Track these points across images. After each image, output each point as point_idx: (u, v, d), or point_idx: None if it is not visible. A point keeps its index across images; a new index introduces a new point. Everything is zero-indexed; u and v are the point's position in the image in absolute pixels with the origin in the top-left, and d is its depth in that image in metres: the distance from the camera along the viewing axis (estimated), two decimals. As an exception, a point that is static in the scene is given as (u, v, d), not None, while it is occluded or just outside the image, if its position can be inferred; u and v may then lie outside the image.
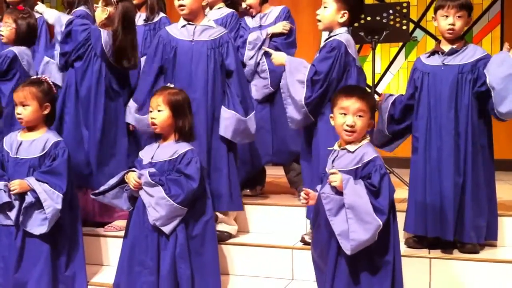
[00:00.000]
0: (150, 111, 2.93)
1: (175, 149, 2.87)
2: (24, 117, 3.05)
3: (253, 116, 3.38)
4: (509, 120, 3.12)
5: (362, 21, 4.41)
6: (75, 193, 3.15)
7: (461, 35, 3.17)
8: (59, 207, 2.92)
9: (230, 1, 4.19)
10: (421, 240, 3.18)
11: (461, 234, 3.06)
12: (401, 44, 6.07)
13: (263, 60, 3.93)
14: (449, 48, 3.14)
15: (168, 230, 2.78)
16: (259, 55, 3.93)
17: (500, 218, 3.19)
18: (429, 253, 3.12)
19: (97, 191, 2.94)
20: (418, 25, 6.08)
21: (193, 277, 2.82)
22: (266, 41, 3.93)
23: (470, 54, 3.11)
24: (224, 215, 3.40)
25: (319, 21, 3.14)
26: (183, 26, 3.36)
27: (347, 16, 3.09)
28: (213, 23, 3.41)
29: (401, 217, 3.05)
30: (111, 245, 3.47)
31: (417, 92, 3.20)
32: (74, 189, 3.12)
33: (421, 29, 6.07)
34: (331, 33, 3.13)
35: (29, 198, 2.92)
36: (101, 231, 3.56)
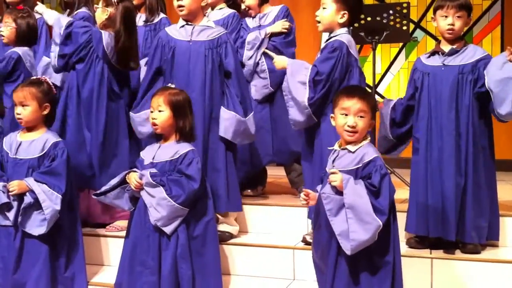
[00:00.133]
0: (151, 111, 2.94)
1: (176, 149, 2.87)
2: (23, 117, 3.04)
3: (252, 116, 3.37)
4: (510, 121, 3.12)
5: (362, 22, 4.41)
6: (75, 194, 3.14)
7: (461, 35, 3.18)
8: (58, 208, 2.91)
9: (231, 1, 4.19)
10: (423, 240, 3.18)
11: (462, 234, 3.06)
12: (401, 44, 6.06)
13: (262, 60, 3.92)
14: (449, 48, 3.14)
15: (169, 230, 2.78)
16: (258, 55, 3.91)
17: (501, 218, 3.19)
18: (431, 253, 3.11)
19: (98, 192, 2.95)
20: (418, 25, 6.08)
21: (194, 278, 2.82)
22: (265, 41, 3.91)
23: (470, 54, 3.11)
24: (223, 216, 3.39)
25: (319, 22, 3.14)
26: (182, 26, 3.36)
27: (347, 16, 3.09)
28: (212, 24, 3.41)
29: (402, 218, 3.06)
30: (112, 245, 3.46)
31: (417, 92, 3.19)
32: (74, 190, 3.11)
33: (422, 29, 6.07)
34: (331, 34, 3.12)
35: (28, 198, 2.91)
36: (102, 231, 3.56)
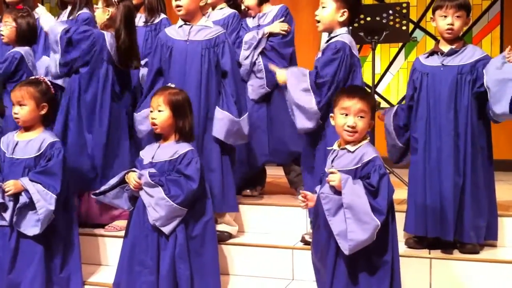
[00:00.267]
0: (150, 111, 2.94)
1: (176, 149, 2.87)
2: (20, 116, 3.03)
3: (246, 117, 3.34)
4: (506, 121, 3.12)
5: (362, 22, 4.41)
6: (71, 194, 3.11)
7: (459, 35, 3.17)
8: (52, 208, 2.88)
9: (232, 1, 4.18)
10: (421, 240, 3.18)
11: (461, 234, 3.07)
12: (401, 44, 6.06)
13: (259, 60, 3.90)
14: (448, 48, 3.14)
15: (167, 230, 2.78)
16: (255, 54, 3.89)
17: (500, 218, 3.19)
18: (429, 253, 3.12)
19: (97, 191, 2.94)
20: (417, 25, 6.08)
21: (193, 278, 2.82)
22: (262, 41, 3.89)
23: (469, 54, 3.11)
24: (218, 216, 3.34)
25: (318, 21, 3.12)
26: (180, 26, 3.37)
27: (347, 14, 3.07)
28: (211, 24, 3.41)
29: (401, 218, 3.06)
30: (110, 245, 3.46)
31: (416, 92, 3.19)
32: (70, 190, 3.08)
33: (421, 29, 6.07)
34: (331, 34, 3.11)
35: (23, 198, 2.89)
36: (100, 231, 3.55)
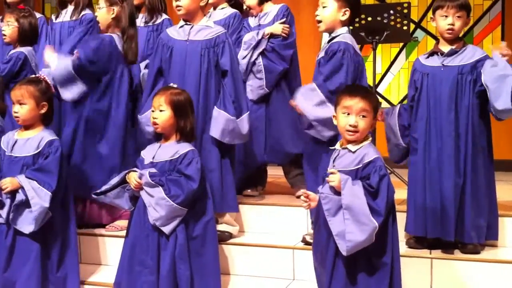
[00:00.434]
0: (152, 111, 2.94)
1: (176, 149, 2.88)
2: (20, 115, 3.03)
3: (246, 117, 3.31)
4: (508, 120, 3.12)
5: (363, 22, 4.41)
6: (69, 193, 3.10)
7: (460, 35, 3.17)
8: (46, 205, 2.87)
9: (233, 1, 4.17)
10: (422, 240, 3.18)
11: (461, 234, 3.06)
12: (402, 44, 6.07)
13: (259, 60, 3.88)
14: (449, 48, 3.13)
15: (168, 230, 2.78)
16: (254, 55, 3.87)
17: (500, 218, 3.19)
18: (430, 253, 3.11)
19: (98, 191, 2.94)
20: (418, 25, 6.08)
21: (193, 278, 2.82)
22: (262, 42, 3.87)
23: (469, 55, 3.11)
24: (218, 216, 3.33)
25: (319, 22, 3.11)
26: (181, 26, 3.37)
27: (348, 13, 3.07)
28: (211, 23, 3.40)
29: (401, 218, 3.06)
30: (110, 245, 3.46)
31: (416, 93, 3.19)
32: (68, 189, 3.08)
33: (422, 29, 6.07)
34: (332, 34, 3.10)
35: (19, 196, 2.89)
36: (99, 231, 3.55)
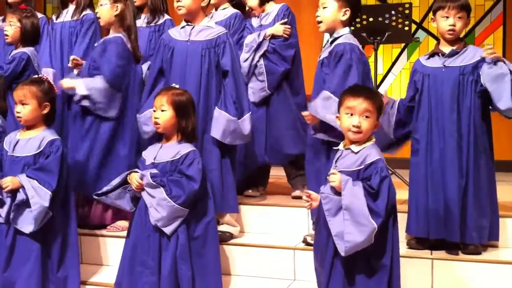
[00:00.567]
0: (153, 111, 2.94)
1: (178, 149, 2.88)
2: (22, 115, 3.03)
3: (248, 118, 3.30)
4: (508, 120, 3.12)
5: (364, 22, 4.41)
6: (70, 192, 3.09)
7: (460, 36, 3.17)
8: (46, 204, 2.86)
9: (235, 1, 4.16)
10: (423, 241, 3.18)
11: (464, 235, 3.06)
12: (403, 45, 6.07)
13: (260, 62, 3.87)
14: (450, 49, 3.13)
15: (169, 231, 2.79)
16: (255, 57, 3.86)
17: (502, 219, 3.18)
18: (431, 254, 3.11)
19: (100, 192, 2.95)
20: (420, 26, 6.09)
21: (194, 278, 2.82)
22: (264, 43, 3.86)
23: (470, 55, 3.10)
24: (219, 217, 3.32)
25: (320, 22, 3.11)
26: (182, 27, 3.37)
27: (349, 13, 3.06)
28: (213, 24, 3.40)
29: (402, 218, 3.06)
30: (111, 245, 3.46)
31: (417, 94, 3.19)
32: (69, 188, 3.07)
33: (423, 30, 6.08)
34: (334, 34, 3.09)
35: (20, 195, 2.89)
36: (101, 232, 3.55)
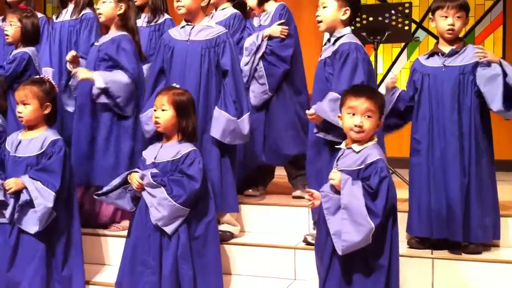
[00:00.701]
0: (154, 110, 2.94)
1: (178, 149, 2.88)
2: (24, 116, 3.03)
3: (247, 117, 3.30)
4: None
5: (364, 22, 4.41)
6: (73, 192, 3.10)
7: (460, 35, 3.17)
8: (50, 205, 2.87)
9: (236, 1, 4.15)
10: (423, 241, 3.18)
11: (467, 234, 3.05)
12: (403, 44, 6.07)
13: (260, 65, 3.85)
14: (449, 49, 3.13)
15: (170, 230, 2.79)
16: (255, 59, 3.84)
17: (502, 218, 3.18)
18: (432, 253, 3.11)
19: (100, 192, 2.95)
20: (420, 25, 6.09)
21: (195, 278, 2.82)
22: (262, 44, 3.84)
23: (470, 55, 3.10)
24: (219, 216, 3.31)
25: (320, 22, 3.10)
26: (182, 27, 3.37)
27: (349, 12, 3.06)
28: (213, 24, 3.40)
29: (403, 218, 3.06)
30: (112, 245, 3.46)
31: (416, 93, 3.19)
32: (72, 188, 3.08)
33: (423, 29, 6.08)
34: (334, 33, 3.08)
35: (24, 196, 2.89)
36: (103, 231, 3.55)
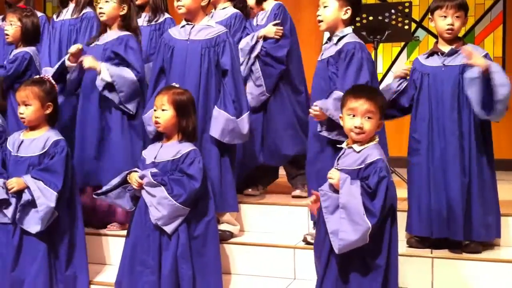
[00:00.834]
0: (154, 110, 2.94)
1: (178, 149, 2.88)
2: (26, 116, 3.04)
3: (246, 117, 3.29)
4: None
5: (364, 21, 4.41)
6: (76, 192, 3.11)
7: (459, 35, 3.17)
8: (52, 205, 2.88)
9: (236, 0, 4.14)
10: (423, 240, 3.18)
11: (469, 233, 3.05)
12: (403, 43, 6.07)
13: (256, 66, 3.84)
14: (448, 48, 3.13)
15: (170, 229, 2.79)
16: (250, 60, 3.83)
17: (502, 218, 3.18)
18: (431, 252, 3.12)
19: (99, 191, 2.95)
20: (420, 24, 6.08)
21: (195, 278, 2.82)
22: (257, 45, 3.83)
23: (470, 54, 3.11)
24: (219, 215, 3.31)
25: (320, 21, 3.10)
26: (183, 26, 3.37)
27: (350, 12, 3.06)
28: (213, 23, 3.39)
29: (402, 217, 3.06)
30: (113, 244, 3.47)
31: (416, 93, 3.18)
32: (75, 188, 3.09)
33: (423, 28, 6.07)
34: (337, 33, 3.06)
35: (26, 196, 2.90)
36: (104, 231, 3.56)
